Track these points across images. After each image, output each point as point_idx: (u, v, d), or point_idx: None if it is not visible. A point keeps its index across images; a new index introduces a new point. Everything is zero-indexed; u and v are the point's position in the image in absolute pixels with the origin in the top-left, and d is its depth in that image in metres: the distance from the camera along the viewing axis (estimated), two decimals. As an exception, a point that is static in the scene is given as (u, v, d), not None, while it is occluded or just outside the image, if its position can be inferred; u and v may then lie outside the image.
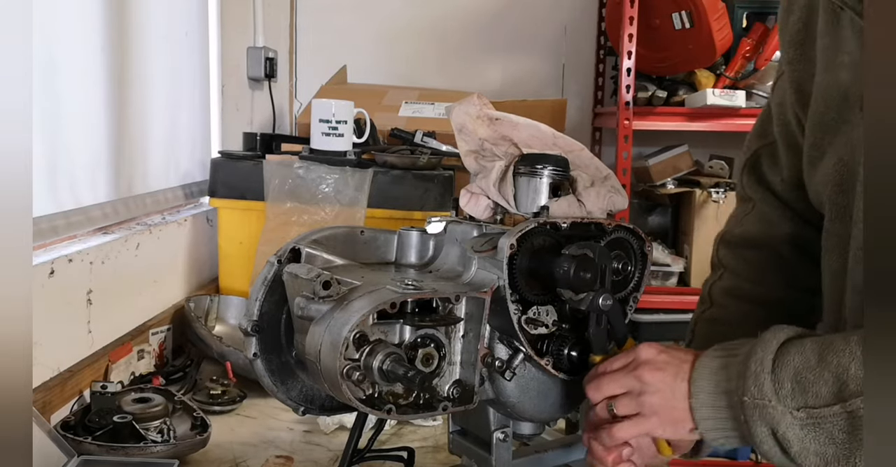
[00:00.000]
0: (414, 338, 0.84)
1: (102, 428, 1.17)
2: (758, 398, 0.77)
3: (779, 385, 0.77)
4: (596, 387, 0.87)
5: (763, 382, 0.77)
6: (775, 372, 0.77)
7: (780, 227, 1.13)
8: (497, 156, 0.96)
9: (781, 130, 1.07)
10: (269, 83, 2.71)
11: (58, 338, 1.28)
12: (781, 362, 0.78)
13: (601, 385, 0.87)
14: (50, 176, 1.37)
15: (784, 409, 0.76)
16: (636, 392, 0.84)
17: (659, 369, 0.84)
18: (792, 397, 0.76)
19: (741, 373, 0.79)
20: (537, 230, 0.88)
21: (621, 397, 0.85)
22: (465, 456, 1.01)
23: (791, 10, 1.00)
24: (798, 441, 0.76)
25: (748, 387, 0.78)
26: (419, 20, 3.06)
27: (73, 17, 1.43)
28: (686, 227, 2.76)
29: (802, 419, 0.76)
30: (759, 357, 0.79)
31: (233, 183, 1.86)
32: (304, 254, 0.93)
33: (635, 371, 0.85)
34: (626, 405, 0.85)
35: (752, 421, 0.78)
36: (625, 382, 0.85)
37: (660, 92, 2.66)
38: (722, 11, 2.53)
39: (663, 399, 0.83)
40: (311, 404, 0.95)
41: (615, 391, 0.86)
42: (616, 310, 0.89)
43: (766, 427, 0.78)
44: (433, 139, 2.18)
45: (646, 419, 0.84)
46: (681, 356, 0.85)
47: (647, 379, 0.84)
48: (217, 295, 1.84)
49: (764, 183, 1.15)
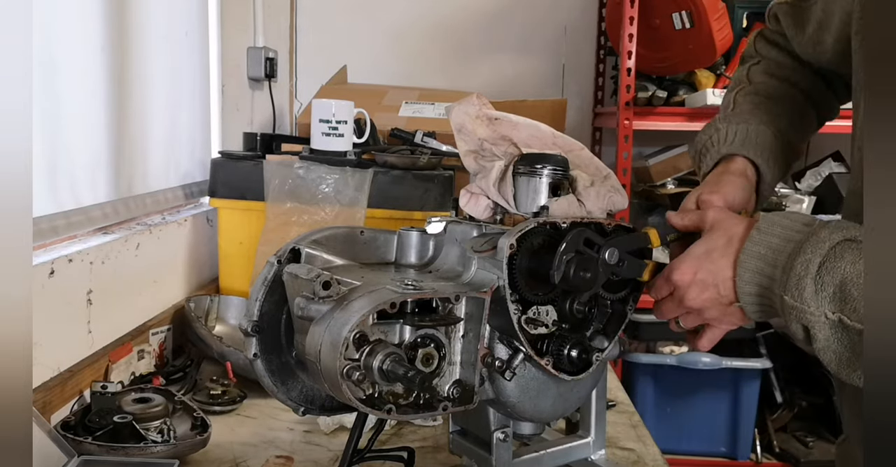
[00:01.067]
0: (414, 337, 0.84)
1: (102, 429, 1.17)
2: (797, 301, 0.80)
3: (821, 286, 0.79)
4: (659, 313, 0.96)
5: (804, 287, 0.80)
6: (820, 274, 0.79)
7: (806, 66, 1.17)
8: (497, 156, 0.96)
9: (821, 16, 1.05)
10: (269, 83, 2.71)
11: (58, 338, 1.28)
12: (831, 265, 0.79)
13: (662, 311, 0.95)
14: (50, 176, 1.37)
15: (820, 313, 0.79)
16: (694, 313, 0.92)
17: (701, 291, 0.90)
18: (831, 300, 0.79)
19: (786, 268, 0.82)
20: (537, 230, 0.88)
21: (683, 317, 0.94)
22: (465, 456, 1.01)
23: None
24: (824, 339, 0.80)
25: (790, 287, 0.81)
26: (419, 20, 3.06)
27: (73, 17, 1.43)
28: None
29: (834, 322, 0.79)
30: (806, 258, 0.81)
31: (233, 183, 1.86)
32: (304, 255, 0.93)
33: (682, 301, 0.91)
34: (691, 321, 0.94)
35: (790, 317, 0.82)
36: (679, 309, 0.93)
37: (660, 92, 2.66)
38: (722, 11, 2.53)
39: (720, 311, 0.90)
40: (311, 404, 0.95)
41: (676, 315, 0.94)
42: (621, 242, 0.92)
43: (800, 325, 0.81)
44: (433, 139, 2.18)
45: (714, 328, 0.94)
46: (711, 267, 0.89)
47: (695, 304, 0.90)
48: (217, 295, 1.84)
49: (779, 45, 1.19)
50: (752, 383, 2.67)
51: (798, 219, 0.86)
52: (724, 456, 2.73)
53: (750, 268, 0.85)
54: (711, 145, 1.11)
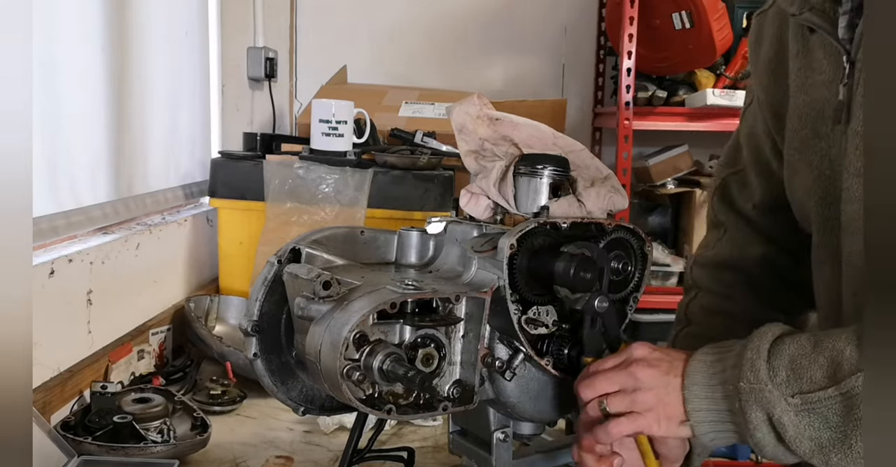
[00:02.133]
0: (414, 338, 0.84)
1: (102, 429, 1.17)
2: (753, 383, 0.78)
3: (773, 372, 0.78)
4: (589, 385, 0.86)
5: (759, 369, 0.79)
6: (770, 359, 0.79)
7: (750, 250, 1.15)
8: (497, 157, 0.96)
9: (752, 157, 1.12)
10: (269, 83, 2.71)
11: (58, 339, 1.28)
12: (777, 350, 0.79)
13: (594, 383, 0.85)
14: (50, 176, 1.37)
15: (779, 394, 0.77)
16: (629, 389, 0.84)
17: (652, 366, 0.84)
18: (787, 384, 0.77)
19: (736, 363, 0.80)
20: (537, 230, 0.88)
21: (614, 395, 0.84)
22: (465, 456, 1.01)
23: (760, 42, 1.05)
24: (793, 426, 0.76)
25: (744, 374, 0.79)
26: (419, 20, 3.06)
27: (73, 17, 1.43)
28: (686, 227, 2.76)
29: (797, 405, 0.76)
30: (755, 345, 0.81)
31: (233, 183, 1.86)
32: (305, 255, 0.93)
33: (629, 368, 0.84)
34: (619, 402, 0.84)
35: (748, 406, 0.78)
36: (618, 379, 0.84)
37: (660, 92, 2.66)
38: (722, 11, 2.53)
39: (657, 395, 0.83)
40: (311, 404, 0.95)
41: (608, 389, 0.85)
42: (611, 312, 0.89)
43: (762, 411, 0.78)
44: (433, 139, 2.18)
45: (640, 415, 0.83)
46: (674, 354, 0.86)
47: (640, 375, 0.83)
48: (217, 295, 1.84)
49: (735, 208, 1.18)
50: (752, 383, 2.66)
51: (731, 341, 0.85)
52: (724, 456, 2.73)
53: (698, 380, 0.82)
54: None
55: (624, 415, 0.84)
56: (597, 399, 0.85)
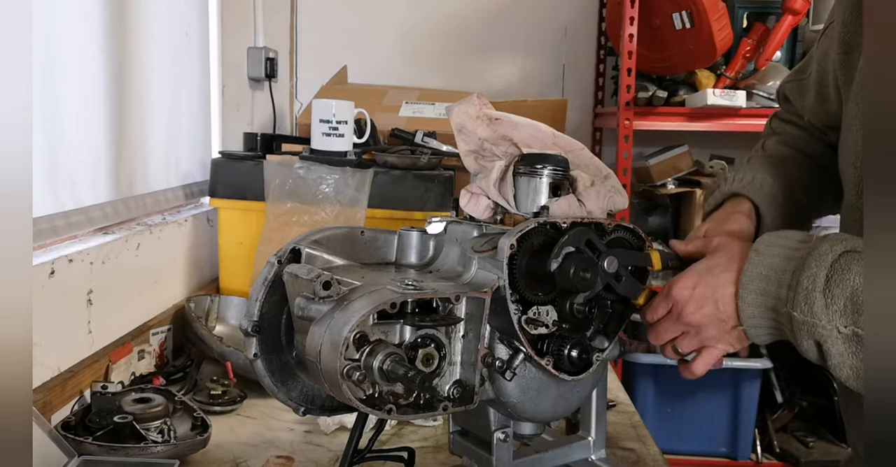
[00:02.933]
0: (414, 338, 0.84)
1: (103, 429, 1.17)
2: (807, 315, 0.80)
3: (831, 300, 0.79)
4: (655, 336, 0.94)
5: (814, 301, 0.79)
6: (829, 287, 0.79)
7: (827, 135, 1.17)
8: (497, 156, 0.96)
9: (818, 78, 1.10)
10: (269, 83, 2.71)
11: (58, 339, 1.28)
12: (839, 279, 0.79)
13: (658, 333, 0.93)
14: (50, 176, 1.37)
15: (832, 327, 0.78)
16: (692, 332, 0.90)
17: (700, 307, 0.88)
18: (843, 313, 0.78)
19: (792, 286, 0.81)
20: (537, 230, 0.88)
21: (681, 338, 0.91)
22: (465, 456, 1.01)
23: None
24: (838, 354, 0.79)
25: (798, 303, 0.80)
26: (420, 20, 3.06)
27: (73, 17, 1.43)
28: (686, 227, 2.77)
29: (847, 335, 0.78)
30: (812, 272, 0.80)
31: (233, 183, 1.86)
32: (305, 255, 0.93)
33: (681, 317, 0.89)
34: (688, 343, 0.91)
35: (800, 334, 0.81)
36: (677, 327, 0.91)
37: (660, 92, 2.66)
38: (722, 11, 2.53)
39: (718, 329, 0.88)
40: (311, 404, 0.95)
41: (673, 335, 0.92)
42: (622, 255, 0.91)
43: (812, 340, 0.80)
44: (433, 139, 2.18)
45: (713, 348, 0.91)
46: (713, 282, 0.88)
47: (694, 320, 0.89)
48: (217, 295, 1.84)
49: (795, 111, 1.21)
50: (752, 383, 2.66)
51: (794, 236, 0.86)
52: (725, 457, 2.73)
53: (752, 289, 0.84)
54: (717, 186, 1.13)
55: (699, 353, 0.91)
56: (668, 344, 0.93)
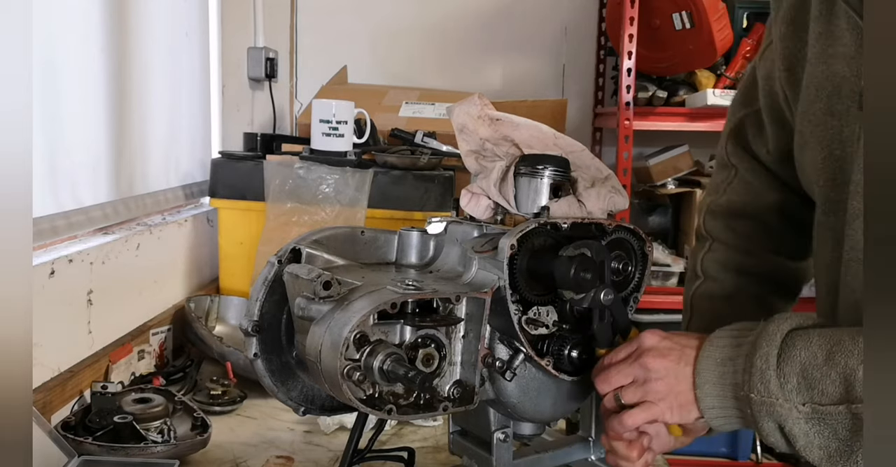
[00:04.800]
0: (414, 338, 0.84)
1: (103, 429, 1.17)
2: (764, 395, 0.79)
3: (784, 379, 0.78)
4: (604, 379, 0.88)
5: (769, 380, 0.78)
6: (780, 366, 0.78)
7: (766, 196, 1.13)
8: (498, 157, 0.96)
9: (767, 102, 1.06)
10: (269, 83, 2.71)
11: (58, 339, 1.28)
12: (787, 356, 0.78)
13: (609, 376, 0.88)
14: (50, 176, 1.37)
15: (790, 406, 0.77)
16: (641, 380, 0.86)
17: (663, 356, 0.86)
18: (798, 392, 0.77)
19: (746, 369, 0.80)
20: (538, 230, 0.88)
21: (627, 386, 0.87)
22: (465, 456, 1.01)
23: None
24: (803, 435, 0.78)
25: (754, 384, 0.79)
26: (419, 21, 3.06)
27: (73, 17, 1.43)
28: (686, 228, 2.76)
29: (807, 414, 0.77)
30: (763, 352, 0.80)
31: (233, 183, 1.86)
32: (305, 255, 0.93)
33: (640, 359, 0.86)
34: (632, 393, 0.86)
35: (760, 416, 0.79)
36: (630, 371, 0.87)
37: (660, 92, 2.66)
38: (722, 12, 2.53)
39: (668, 385, 0.85)
40: (311, 404, 0.95)
41: (622, 381, 0.87)
42: (618, 302, 0.90)
43: (773, 422, 0.79)
44: (434, 139, 2.18)
45: (653, 405, 0.85)
46: (683, 341, 0.87)
47: (651, 366, 0.85)
48: (217, 295, 1.84)
49: (749, 151, 1.14)
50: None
51: (742, 325, 0.86)
52: (725, 457, 2.73)
53: (709, 378, 0.83)
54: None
55: (638, 406, 0.86)
56: (612, 391, 0.88)
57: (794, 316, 0.83)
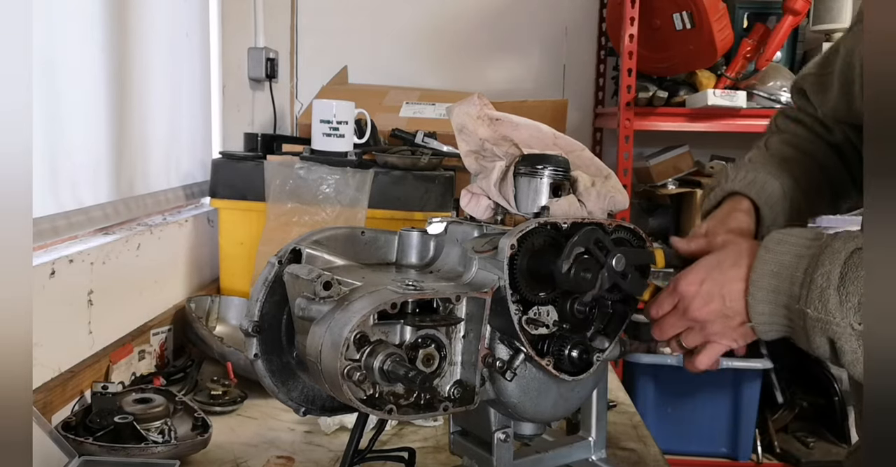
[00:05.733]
0: (415, 338, 0.84)
1: (103, 429, 1.17)
2: (822, 313, 0.79)
3: (846, 297, 0.78)
4: (659, 331, 0.94)
5: (828, 298, 0.79)
6: (843, 284, 0.79)
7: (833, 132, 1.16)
8: (498, 157, 0.96)
9: (844, 71, 1.06)
10: (269, 83, 2.71)
11: (58, 339, 1.28)
12: (853, 276, 0.79)
13: (663, 328, 0.93)
14: (51, 176, 1.37)
15: (846, 324, 0.78)
16: (697, 327, 0.90)
17: (707, 302, 0.88)
18: (857, 311, 0.78)
19: (805, 283, 0.81)
20: (538, 230, 0.88)
21: (686, 333, 0.91)
22: (466, 456, 1.01)
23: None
24: (852, 352, 0.79)
25: (812, 300, 0.80)
26: (420, 21, 3.06)
27: (73, 17, 1.43)
28: (687, 228, 2.76)
29: (861, 332, 0.78)
30: (825, 269, 0.80)
31: (234, 183, 1.86)
32: (305, 255, 0.93)
33: (686, 312, 0.90)
34: (692, 338, 0.92)
35: (813, 331, 0.81)
36: (682, 323, 0.91)
37: (660, 92, 2.66)
38: (723, 12, 2.53)
39: (723, 324, 0.88)
40: (311, 405, 0.95)
41: (677, 330, 0.92)
42: (629, 254, 0.91)
43: (826, 338, 0.80)
44: (434, 140, 2.18)
45: (716, 344, 0.91)
46: (721, 277, 0.88)
47: (700, 316, 0.89)
48: (218, 295, 1.84)
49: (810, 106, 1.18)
50: (752, 383, 2.66)
51: (804, 233, 0.85)
52: (725, 457, 2.73)
53: (763, 286, 0.84)
54: (718, 183, 1.13)
55: (703, 348, 0.91)
56: (673, 339, 0.93)
57: (859, 235, 0.82)
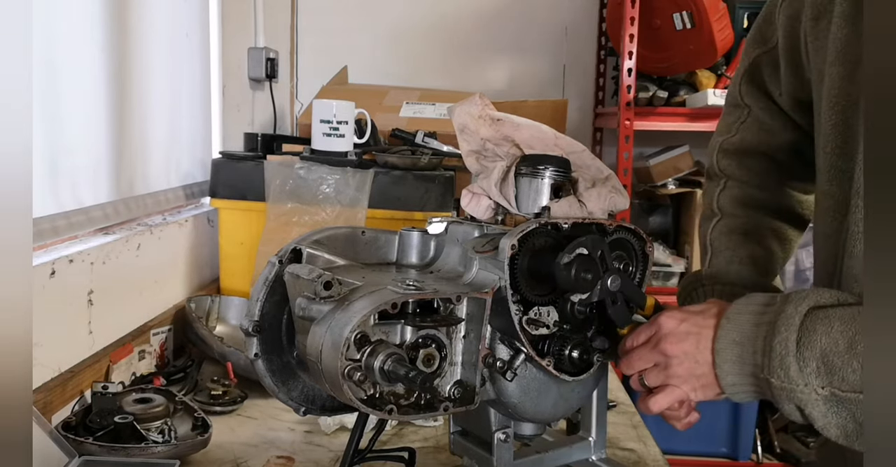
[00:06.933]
0: (415, 338, 0.84)
1: (103, 429, 1.17)
2: (784, 381, 0.79)
3: (804, 363, 0.78)
4: (626, 364, 0.91)
5: (788, 366, 0.79)
6: (800, 351, 0.79)
7: (779, 136, 1.14)
8: (498, 157, 0.96)
9: (787, 44, 1.04)
10: (270, 83, 2.71)
11: (58, 339, 1.28)
12: (807, 341, 0.78)
13: (630, 361, 0.91)
14: (51, 176, 1.37)
15: (809, 390, 0.78)
16: (662, 364, 0.88)
17: (680, 340, 0.87)
18: (817, 375, 0.78)
19: (766, 352, 0.81)
20: (538, 230, 0.88)
21: (650, 370, 0.89)
22: (466, 456, 1.01)
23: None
24: (821, 417, 0.79)
25: (774, 369, 0.80)
26: (420, 21, 3.06)
27: (73, 17, 1.43)
28: (687, 228, 2.76)
29: (826, 397, 0.78)
30: (783, 337, 0.80)
31: (234, 183, 1.86)
32: (306, 255, 0.93)
33: (659, 345, 0.88)
34: (654, 377, 0.89)
35: (781, 399, 0.81)
36: (651, 357, 0.89)
37: (661, 92, 2.66)
38: (723, 12, 2.53)
39: (688, 369, 0.87)
40: (312, 404, 0.95)
41: (644, 366, 0.90)
42: (627, 282, 0.90)
43: (793, 405, 0.80)
44: (434, 139, 2.18)
45: (676, 388, 0.88)
46: (701, 322, 0.87)
47: (670, 352, 0.87)
48: (218, 295, 1.84)
49: (764, 90, 1.14)
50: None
51: (759, 300, 0.85)
52: (725, 457, 2.73)
53: (728, 358, 0.84)
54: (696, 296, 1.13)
55: (662, 389, 0.89)
56: (636, 375, 0.90)
57: (811, 292, 0.82)
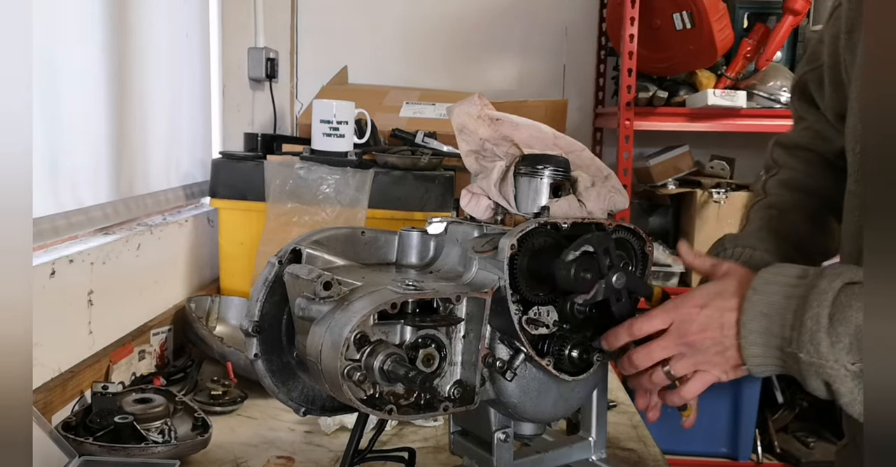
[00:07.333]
0: (415, 338, 0.84)
1: (103, 429, 1.17)
2: (814, 356, 0.79)
3: (836, 338, 0.78)
4: (646, 354, 0.89)
5: (819, 341, 0.78)
6: (833, 326, 0.78)
7: (834, 142, 1.15)
8: (498, 157, 0.96)
9: (830, 62, 1.06)
10: (270, 83, 2.71)
11: (58, 339, 1.28)
12: (841, 316, 0.78)
13: (651, 351, 0.89)
14: (51, 176, 1.37)
15: (839, 366, 0.78)
16: (688, 353, 0.87)
17: (704, 329, 0.86)
18: (849, 351, 0.77)
19: (795, 326, 0.80)
20: (538, 230, 0.88)
21: (676, 359, 0.88)
22: (466, 456, 1.01)
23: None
24: (848, 392, 0.78)
25: (803, 343, 0.79)
26: (420, 21, 3.06)
27: (73, 17, 1.43)
28: (687, 228, 2.76)
29: (855, 373, 0.77)
30: (814, 312, 0.79)
31: (234, 183, 1.86)
32: (305, 255, 0.93)
33: (683, 335, 0.87)
34: (683, 366, 0.88)
35: (808, 374, 0.80)
36: (674, 348, 0.88)
37: (661, 92, 2.66)
38: (723, 12, 2.53)
39: (717, 353, 0.86)
40: (311, 405, 0.95)
41: (665, 355, 0.89)
42: (631, 277, 0.90)
43: (821, 380, 0.79)
44: (434, 139, 2.18)
45: (706, 373, 0.88)
46: (721, 305, 0.86)
47: (695, 340, 0.86)
48: (218, 295, 1.84)
49: (814, 105, 1.18)
50: (753, 383, 2.66)
51: (790, 272, 0.84)
52: (726, 457, 2.73)
53: (754, 328, 0.83)
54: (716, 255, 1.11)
55: (692, 377, 0.88)
56: (659, 366, 0.89)
57: (846, 270, 0.81)
